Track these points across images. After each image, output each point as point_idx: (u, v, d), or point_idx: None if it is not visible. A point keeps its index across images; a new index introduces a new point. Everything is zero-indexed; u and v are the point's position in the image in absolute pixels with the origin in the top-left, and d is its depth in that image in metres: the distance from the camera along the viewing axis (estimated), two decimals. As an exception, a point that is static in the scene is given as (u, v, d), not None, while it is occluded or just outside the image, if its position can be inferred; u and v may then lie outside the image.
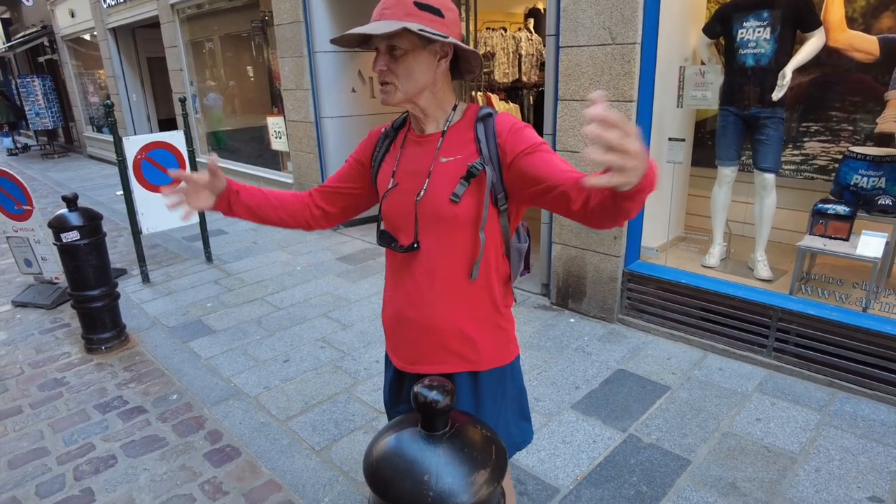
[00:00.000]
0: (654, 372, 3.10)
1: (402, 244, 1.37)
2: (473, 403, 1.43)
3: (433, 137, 1.34)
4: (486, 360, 1.41)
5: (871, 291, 2.91)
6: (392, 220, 1.40)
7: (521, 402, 1.53)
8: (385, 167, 1.42)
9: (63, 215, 3.44)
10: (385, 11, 1.22)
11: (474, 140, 1.30)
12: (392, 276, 1.47)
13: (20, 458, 2.64)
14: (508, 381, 1.47)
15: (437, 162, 1.31)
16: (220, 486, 2.40)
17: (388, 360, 1.60)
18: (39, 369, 3.46)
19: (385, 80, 1.26)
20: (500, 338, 1.43)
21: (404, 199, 1.35)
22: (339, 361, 3.36)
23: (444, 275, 1.35)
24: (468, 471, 1.07)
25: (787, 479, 2.29)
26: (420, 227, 1.33)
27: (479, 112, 1.33)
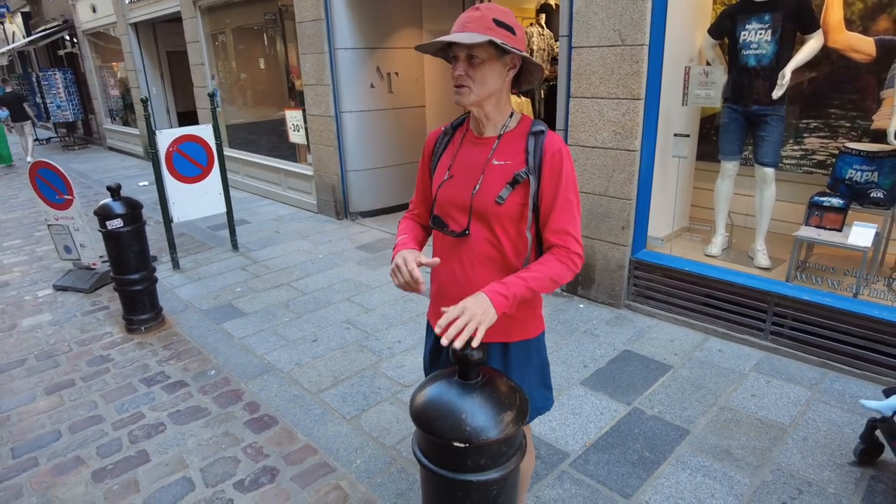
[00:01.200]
0: (658, 353, 3.33)
1: (453, 229, 1.57)
2: (503, 370, 1.64)
3: (489, 140, 1.54)
4: (515, 332, 1.63)
5: (862, 278, 3.11)
6: (445, 208, 1.59)
7: (543, 372, 1.74)
8: (443, 160, 1.62)
9: (107, 204, 3.70)
10: (468, 24, 1.41)
11: (524, 151, 1.51)
12: (440, 256, 1.66)
13: (79, 424, 2.91)
14: (534, 353, 1.68)
15: (490, 163, 1.52)
16: (261, 450, 2.66)
17: (429, 327, 1.80)
18: (86, 347, 3.74)
19: (462, 83, 1.44)
20: (528, 315, 1.64)
21: (459, 190, 1.55)
22: (364, 341, 3.60)
23: (486, 260, 1.56)
24: (497, 411, 1.31)
25: (777, 446, 2.52)
26: (473, 216, 1.54)
27: (532, 126, 1.53)
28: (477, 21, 1.41)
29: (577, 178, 1.61)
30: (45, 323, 4.14)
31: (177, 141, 4.78)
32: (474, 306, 1.35)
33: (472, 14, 1.43)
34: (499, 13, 1.43)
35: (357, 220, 6.29)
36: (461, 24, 1.43)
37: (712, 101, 3.56)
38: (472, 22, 1.41)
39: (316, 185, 6.60)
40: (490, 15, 1.41)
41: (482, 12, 1.42)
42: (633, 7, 3.36)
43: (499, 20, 1.42)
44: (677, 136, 3.72)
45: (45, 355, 3.66)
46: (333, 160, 6.15)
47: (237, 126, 8.88)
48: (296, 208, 7.04)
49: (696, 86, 3.56)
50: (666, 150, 3.77)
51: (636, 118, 3.50)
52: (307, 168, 6.80)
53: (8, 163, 11.72)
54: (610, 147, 3.65)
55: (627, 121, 3.53)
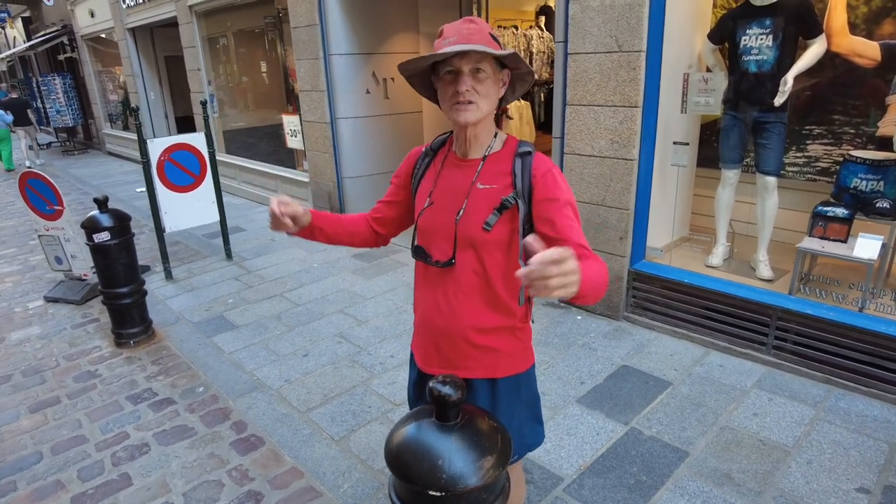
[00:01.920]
0: (657, 368, 3.23)
1: (437, 259, 1.48)
2: (490, 407, 1.55)
3: (473, 163, 1.45)
4: (504, 367, 1.53)
5: (867, 292, 3.01)
6: (427, 236, 1.50)
7: (533, 406, 1.65)
8: (424, 185, 1.53)
9: (95, 217, 3.63)
10: (473, 37, 1.32)
11: (511, 173, 1.41)
12: (423, 286, 1.57)
13: (61, 445, 2.84)
14: (523, 387, 1.59)
15: (475, 187, 1.42)
16: (246, 473, 2.58)
17: (412, 359, 1.71)
18: (73, 362, 3.67)
19: (470, 99, 1.34)
20: (518, 348, 1.55)
21: (442, 217, 1.46)
22: (356, 356, 3.52)
23: (472, 290, 1.46)
24: (477, 456, 1.22)
25: (779, 470, 2.42)
26: (458, 246, 1.44)
27: (518, 147, 1.44)
28: (479, 34, 1.33)
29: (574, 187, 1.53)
30: (34, 336, 4.07)
31: (168, 150, 4.71)
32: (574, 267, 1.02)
33: (470, 27, 1.34)
34: (489, 28, 1.38)
35: (353, 228, 6.21)
36: (463, 36, 1.32)
37: (712, 108, 3.47)
38: (475, 35, 1.33)
39: (312, 191, 6.53)
40: (486, 29, 1.36)
41: (479, 26, 1.36)
42: (629, 12, 3.27)
43: (493, 35, 1.37)
44: (676, 144, 3.63)
45: (32, 371, 3.59)
46: (329, 167, 6.07)
47: (235, 131, 8.83)
48: (292, 215, 6.95)
49: (695, 93, 3.47)
50: (665, 158, 3.68)
51: (634, 126, 3.41)
52: (303, 174, 6.73)
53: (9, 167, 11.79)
54: (607, 156, 3.56)
55: (625, 129, 3.44)
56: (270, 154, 7.77)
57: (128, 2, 9.69)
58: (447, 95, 1.37)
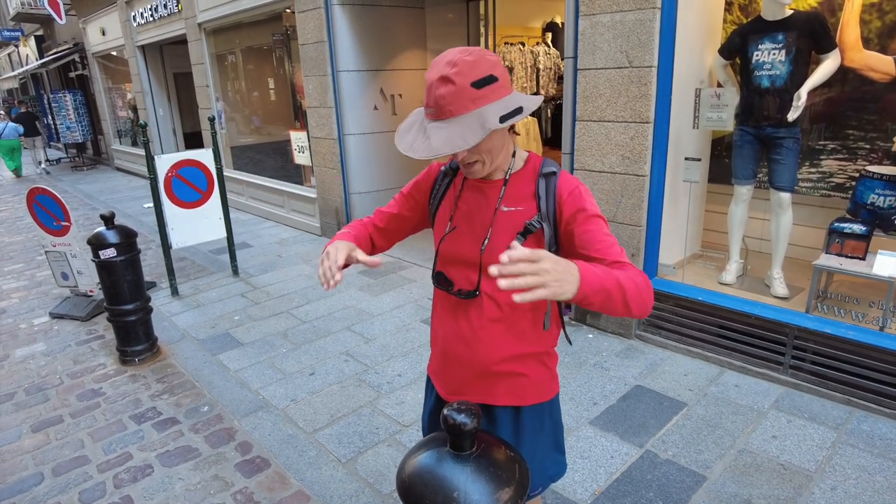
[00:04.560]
0: (671, 388, 3.16)
1: (461, 289, 1.39)
2: (514, 438, 1.47)
3: (495, 184, 1.35)
4: (530, 395, 1.46)
5: (888, 311, 2.93)
6: (449, 263, 1.42)
7: (556, 436, 1.57)
8: (443, 208, 1.44)
9: (101, 233, 3.61)
10: (448, 108, 1.17)
11: (534, 195, 1.33)
12: (443, 313, 1.49)
13: (63, 466, 2.78)
14: (547, 417, 1.51)
15: (500, 211, 1.34)
16: (251, 496, 2.52)
17: (430, 385, 1.64)
18: (77, 380, 3.62)
19: (472, 161, 1.27)
20: (545, 376, 1.47)
21: (464, 244, 1.37)
22: (363, 375, 3.46)
23: (497, 319, 1.38)
24: (494, 488, 1.16)
25: (802, 496, 2.34)
26: (482, 276, 1.35)
27: (542, 167, 1.35)
28: (456, 99, 1.16)
29: None
30: (39, 353, 4.04)
31: (176, 166, 4.70)
32: (556, 266, 1.02)
33: (444, 91, 1.16)
34: (472, 70, 1.16)
35: (360, 243, 6.18)
36: (438, 107, 1.18)
37: (724, 123, 3.42)
38: (451, 104, 1.16)
39: (319, 207, 6.51)
40: (466, 81, 1.15)
41: (455, 84, 1.15)
42: (640, 28, 3.24)
43: (477, 81, 1.16)
44: (688, 160, 3.58)
45: (36, 388, 3.54)
46: (337, 183, 6.06)
47: (243, 147, 8.86)
48: (299, 231, 6.95)
49: (707, 108, 3.43)
50: (676, 174, 3.64)
51: (645, 142, 3.37)
52: (311, 190, 6.72)
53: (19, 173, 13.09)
54: (618, 172, 3.52)
55: (636, 145, 3.40)
56: (278, 170, 7.78)
57: (138, 20, 9.81)
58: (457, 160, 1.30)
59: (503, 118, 1.16)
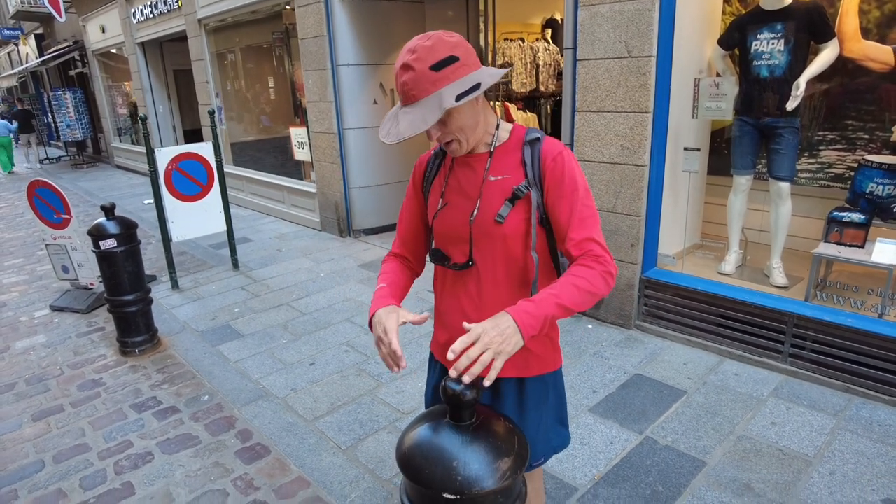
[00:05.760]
0: (671, 377, 3.16)
1: (456, 262, 1.42)
2: (518, 409, 1.48)
3: (481, 157, 1.39)
4: (533, 366, 1.47)
5: (887, 298, 2.94)
6: (444, 239, 1.44)
7: (560, 409, 1.58)
8: (435, 187, 1.47)
9: (101, 224, 3.61)
10: (412, 93, 1.22)
11: (521, 162, 1.35)
12: (444, 289, 1.51)
13: (64, 454, 2.79)
14: (551, 389, 1.52)
15: (487, 181, 1.36)
16: (251, 482, 2.52)
17: (433, 361, 1.65)
18: (78, 370, 3.63)
19: (446, 140, 1.31)
20: (547, 347, 1.48)
21: (456, 217, 1.40)
22: (363, 365, 3.47)
23: (496, 288, 1.40)
24: (493, 458, 1.17)
25: (801, 480, 2.34)
26: (474, 245, 1.38)
27: (527, 135, 1.37)
28: (417, 83, 1.21)
29: None
30: (39, 345, 4.04)
31: (176, 159, 4.71)
32: (493, 332, 1.14)
33: (406, 78, 1.22)
34: (430, 54, 1.21)
35: (360, 238, 6.19)
36: (405, 93, 1.24)
37: (723, 113, 3.43)
38: (414, 88, 1.22)
39: (319, 202, 6.52)
40: (425, 66, 1.20)
41: (415, 70, 1.20)
42: (639, 17, 3.25)
43: (436, 63, 1.20)
44: (687, 150, 3.59)
45: (36, 379, 3.55)
46: (336, 177, 6.06)
47: (243, 144, 8.86)
48: (299, 226, 6.95)
49: (706, 98, 3.44)
50: (676, 164, 3.64)
51: (644, 132, 3.37)
52: (311, 185, 6.73)
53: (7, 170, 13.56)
54: (617, 162, 3.52)
55: (635, 135, 3.41)
56: (279, 167, 7.78)
57: (138, 17, 9.81)
58: (432, 140, 1.33)
59: (459, 96, 1.20)
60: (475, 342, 1.14)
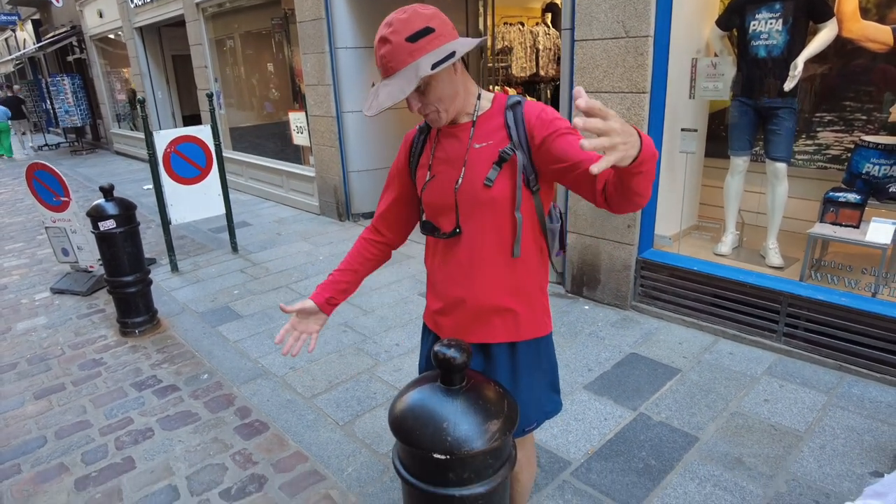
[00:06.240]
0: (666, 356, 3.19)
1: (444, 231, 1.45)
2: (511, 374, 1.51)
3: (465, 126, 1.40)
4: (524, 331, 1.49)
5: (881, 277, 2.96)
6: (433, 209, 1.47)
7: (552, 375, 1.61)
8: (422, 161, 1.50)
9: (100, 205, 3.63)
10: (389, 65, 1.26)
11: (504, 126, 1.37)
12: (436, 260, 1.54)
13: (66, 430, 2.83)
14: (543, 354, 1.55)
15: (472, 148, 1.39)
16: (250, 457, 2.56)
17: (426, 331, 1.68)
18: (79, 350, 3.66)
19: (426, 112, 1.34)
20: (537, 311, 1.51)
21: (443, 187, 1.42)
22: (361, 344, 3.50)
23: (485, 255, 1.42)
24: (482, 420, 1.19)
25: (791, 455, 2.38)
26: (461, 213, 1.41)
27: (508, 100, 1.40)
28: (394, 55, 1.25)
29: None
30: (40, 326, 4.08)
31: (175, 142, 4.71)
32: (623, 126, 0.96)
33: (385, 51, 1.26)
34: (406, 26, 1.24)
35: (359, 222, 6.20)
36: (383, 65, 1.28)
37: (720, 93, 3.42)
38: (391, 60, 1.26)
39: (318, 186, 6.52)
40: (401, 38, 1.24)
41: (392, 42, 1.24)
42: (637, -3, 3.24)
43: (412, 35, 1.24)
44: (685, 130, 3.59)
45: (38, 359, 3.59)
46: (335, 161, 6.06)
47: (243, 129, 8.84)
48: (298, 210, 6.97)
49: (703, 78, 3.43)
50: (673, 145, 3.65)
51: (642, 112, 3.37)
52: (309, 169, 6.73)
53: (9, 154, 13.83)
54: (614, 143, 3.52)
55: (632, 115, 3.41)
56: (278, 152, 7.77)
57: (135, 1, 9.75)
58: (413, 111, 1.36)
59: (435, 65, 1.23)
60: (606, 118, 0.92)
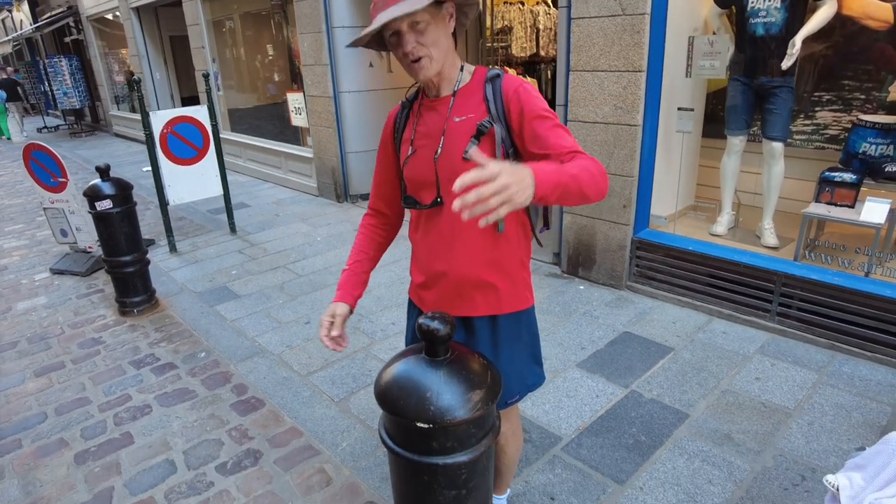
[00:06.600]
0: (659, 335, 3.21)
1: (425, 202, 1.46)
2: (492, 347, 1.54)
3: (445, 100, 1.42)
4: (506, 304, 1.51)
5: (874, 256, 2.96)
6: (414, 183, 1.48)
7: (534, 348, 1.64)
8: (405, 136, 1.50)
9: (97, 185, 3.64)
10: None
11: (484, 100, 1.38)
12: (418, 235, 1.56)
13: (66, 406, 2.87)
14: (524, 327, 1.58)
15: (451, 121, 1.40)
16: (245, 433, 2.60)
17: (411, 306, 1.71)
18: (78, 329, 3.70)
19: (418, 55, 1.31)
20: (518, 285, 1.53)
21: (423, 161, 1.43)
22: (357, 323, 3.53)
23: (466, 228, 1.42)
24: (465, 389, 1.21)
25: (780, 431, 2.41)
26: (441, 185, 1.42)
27: (487, 73, 1.41)
28: None
29: None
30: (40, 306, 4.11)
31: (171, 122, 4.70)
32: (510, 176, 1.00)
33: None
34: None
35: (357, 203, 6.20)
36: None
37: (717, 72, 3.39)
38: None
39: (316, 167, 6.51)
40: None
41: None
42: (634, -26, 3.20)
43: None
44: (681, 109, 3.57)
45: (38, 338, 3.62)
46: (333, 142, 6.05)
47: (241, 111, 8.79)
48: (297, 191, 6.96)
49: (700, 56, 3.40)
50: (670, 125, 3.63)
51: (638, 91, 3.35)
52: (307, 151, 6.71)
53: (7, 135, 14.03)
54: (611, 122, 3.51)
55: (629, 94, 3.39)
56: (277, 134, 7.74)
57: (132, -20, 9.64)
58: (399, 57, 1.34)
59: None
60: (490, 180, 0.99)
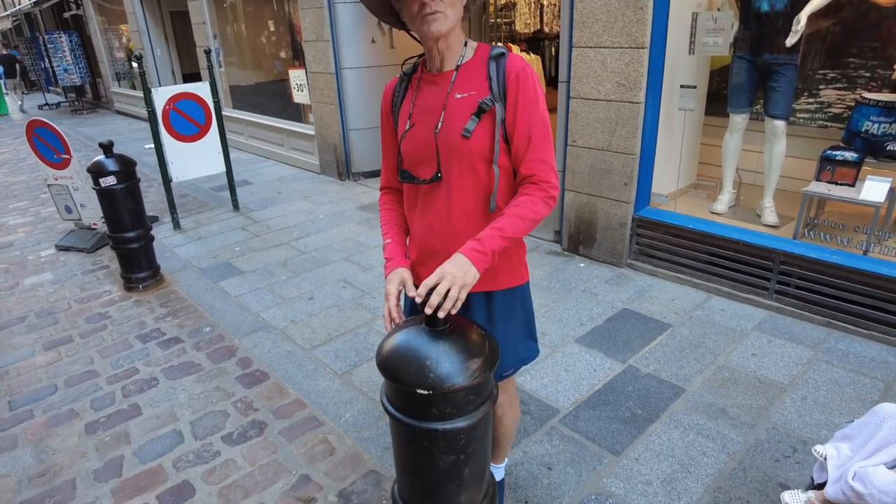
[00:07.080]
0: (658, 311, 3.25)
1: (424, 178, 1.46)
2: (487, 322, 1.57)
3: (447, 75, 1.42)
4: (500, 281, 1.54)
5: (873, 235, 2.98)
6: (412, 157, 1.48)
7: (528, 323, 1.67)
8: (404, 110, 1.50)
9: (100, 161, 3.66)
10: None
11: (487, 78, 1.39)
12: (414, 210, 1.56)
13: (75, 379, 2.93)
14: (518, 303, 1.60)
15: (452, 97, 1.40)
16: (251, 404, 2.66)
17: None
18: (85, 304, 3.75)
19: (435, 8, 1.30)
20: (514, 261, 1.56)
21: (423, 134, 1.43)
22: (360, 299, 3.57)
23: (463, 205, 1.45)
24: (464, 358, 1.25)
25: (774, 405, 2.46)
26: (441, 161, 1.43)
27: (491, 51, 1.42)
28: None
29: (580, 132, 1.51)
30: (47, 282, 4.16)
31: (173, 99, 4.70)
32: (453, 269, 1.29)
33: None
34: None
35: (359, 181, 6.21)
36: None
37: (721, 49, 3.37)
38: None
39: (318, 145, 6.51)
40: None
41: None
42: (639, -52, 3.16)
43: None
44: (684, 87, 3.56)
45: (46, 313, 3.68)
46: (335, 119, 6.03)
47: (244, 88, 8.75)
48: (299, 169, 6.97)
49: (703, 33, 3.37)
50: (672, 103, 3.62)
51: (641, 68, 3.34)
52: (310, 128, 6.70)
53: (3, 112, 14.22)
54: (613, 99, 3.50)
55: (631, 71, 3.38)
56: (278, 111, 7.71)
57: (131, -46, 9.51)
58: (413, 12, 1.32)
59: None
60: (440, 281, 1.27)
